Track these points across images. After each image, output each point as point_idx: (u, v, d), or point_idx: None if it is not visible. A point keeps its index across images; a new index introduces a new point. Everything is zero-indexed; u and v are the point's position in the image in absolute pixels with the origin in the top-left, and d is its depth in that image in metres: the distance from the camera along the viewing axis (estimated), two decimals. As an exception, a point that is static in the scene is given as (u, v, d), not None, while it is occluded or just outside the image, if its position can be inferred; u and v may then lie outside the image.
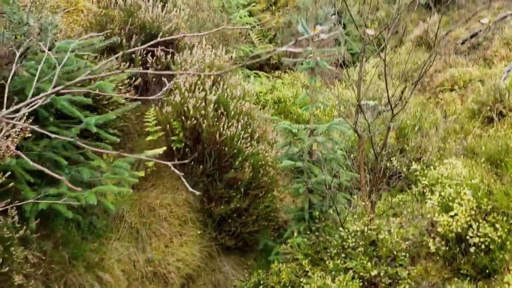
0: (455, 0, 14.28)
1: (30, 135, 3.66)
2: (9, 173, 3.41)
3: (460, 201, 4.53)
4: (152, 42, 2.27)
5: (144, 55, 5.25)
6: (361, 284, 4.47)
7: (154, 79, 5.22)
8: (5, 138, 2.66)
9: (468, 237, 4.32)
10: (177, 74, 5.00)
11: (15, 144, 2.81)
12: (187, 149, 4.99)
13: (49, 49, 3.93)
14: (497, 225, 4.23)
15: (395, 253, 4.64)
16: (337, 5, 12.94)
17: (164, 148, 4.87)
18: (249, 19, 11.23)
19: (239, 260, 5.75)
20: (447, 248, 4.49)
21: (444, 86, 8.91)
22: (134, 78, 5.06)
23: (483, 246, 4.27)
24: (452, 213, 4.50)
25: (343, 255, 4.98)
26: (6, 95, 2.64)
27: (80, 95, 4.36)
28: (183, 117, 4.85)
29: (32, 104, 2.10)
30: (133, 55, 5.10)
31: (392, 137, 6.50)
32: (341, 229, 5.10)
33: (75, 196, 3.87)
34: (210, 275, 5.27)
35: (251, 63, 12.43)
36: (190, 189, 1.90)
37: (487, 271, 4.22)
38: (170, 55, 5.33)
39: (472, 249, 4.27)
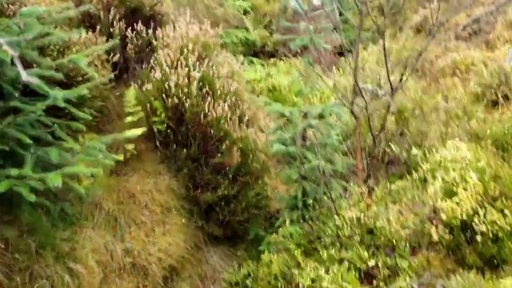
0: (455, -14, 13.88)
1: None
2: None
3: (465, 186, 4.17)
4: None
5: (124, 29, 4.86)
6: (357, 275, 4.11)
7: (134, 55, 4.83)
8: None
9: (474, 225, 3.97)
10: (158, 50, 4.61)
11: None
12: (169, 131, 4.61)
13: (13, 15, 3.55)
14: (506, 211, 3.88)
15: (394, 242, 4.28)
16: (334, -9, 12.54)
17: (144, 129, 4.50)
18: (243, 3, 10.83)
19: (228, 251, 5.38)
20: (451, 236, 4.14)
21: (445, 71, 8.54)
22: (112, 54, 4.67)
23: (490, 234, 3.92)
24: (456, 199, 4.15)
25: (338, 244, 4.62)
26: None
27: (50, 69, 3.98)
28: (165, 96, 4.47)
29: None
30: (112, 29, 4.71)
31: (391, 121, 6.13)
32: (336, 217, 4.74)
33: (40, 179, 3.49)
34: (196, 267, 4.91)
35: (245, 51, 12.07)
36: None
37: (495, 261, 3.87)
38: (152, 30, 4.94)
39: (478, 238, 3.92)
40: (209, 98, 4.59)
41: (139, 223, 4.50)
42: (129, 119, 4.68)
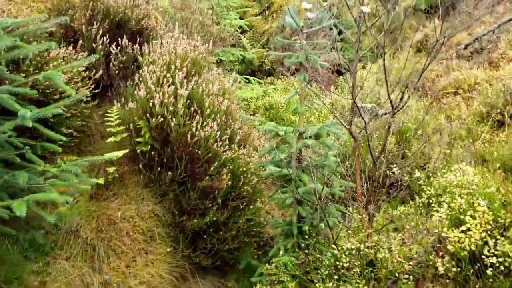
0: (456, 6, 13.72)
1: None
2: None
3: (473, 214, 3.83)
4: None
5: (108, 45, 4.58)
6: (356, 312, 3.75)
7: (118, 72, 4.54)
8: None
9: (483, 257, 3.62)
10: (143, 66, 4.33)
11: None
12: (153, 153, 4.29)
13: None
14: (519, 242, 3.52)
15: (397, 275, 3.91)
16: (333, 9, 12.39)
17: (126, 150, 4.18)
18: (240, 21, 10.62)
19: (217, 282, 5.01)
20: (458, 269, 3.78)
21: (447, 90, 8.25)
22: (94, 71, 4.38)
23: (502, 268, 3.57)
24: (464, 228, 3.80)
25: (336, 276, 4.25)
26: None
27: (24, 86, 3.70)
28: (149, 115, 4.16)
29: None
30: (94, 45, 4.43)
31: (391, 142, 5.81)
32: (333, 246, 4.38)
33: (7, 206, 3.16)
34: (182, 301, 4.53)
35: (242, 70, 11.84)
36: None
37: (508, 297, 3.49)
38: (138, 45, 4.66)
39: (489, 271, 3.56)
40: (197, 117, 4.28)
41: (120, 253, 4.14)
42: (111, 139, 4.37)
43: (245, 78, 10.75)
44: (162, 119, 4.14)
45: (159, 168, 4.29)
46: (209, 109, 4.39)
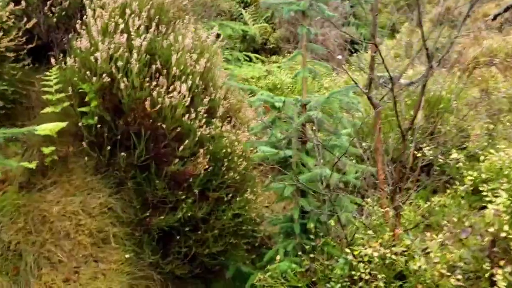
0: (480, -25, 12.44)
1: None
2: None
3: (548, 206, 2.68)
4: None
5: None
6: None
7: (60, 22, 3.44)
8: None
9: None
10: (88, 11, 3.20)
11: None
12: (103, 127, 3.18)
13: None
14: None
15: (438, 292, 2.77)
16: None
17: (63, 124, 3.08)
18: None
19: (199, 294, 3.91)
20: (527, 284, 2.64)
21: (479, 60, 7.04)
22: (26, 19, 3.28)
23: None
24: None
25: (351, 292, 3.13)
26: None
27: None
28: (93, 75, 3.05)
29: None
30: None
31: (420, 117, 4.62)
32: (347, 250, 3.24)
33: None
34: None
35: (244, 48, 10.70)
36: None
37: None
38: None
39: None
40: (160, 79, 3.16)
41: (56, 262, 3.05)
42: (49, 109, 3.28)
43: (246, 55, 9.64)
44: (109, 80, 3.02)
45: (108, 147, 3.17)
46: (178, 69, 3.26)
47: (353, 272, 3.12)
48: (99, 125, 3.15)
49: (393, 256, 2.88)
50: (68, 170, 3.35)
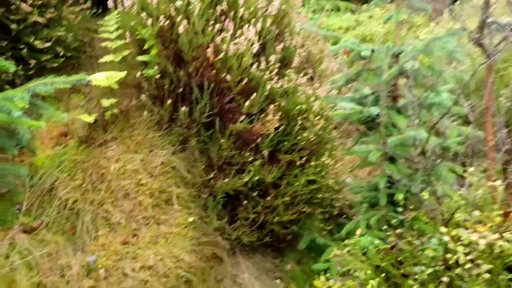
0: None
1: None
2: None
3: None
4: None
5: None
6: None
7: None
8: None
9: None
10: None
11: None
12: (164, 79, 2.86)
13: None
14: None
15: None
16: None
17: (122, 73, 2.80)
18: None
19: (270, 263, 3.58)
20: None
21: None
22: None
23: None
24: None
25: (445, 278, 2.59)
26: None
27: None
28: (149, 17, 2.71)
29: None
30: None
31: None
32: (442, 229, 2.68)
33: None
34: (212, 291, 3.19)
35: (332, -2, 9.84)
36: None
37: None
38: None
39: None
40: (226, 22, 2.73)
41: (114, 224, 2.87)
42: (108, 58, 3.02)
43: (334, 4, 8.81)
44: (169, 23, 2.65)
45: (169, 101, 2.85)
46: (247, 11, 2.80)
47: (448, 255, 2.58)
48: (159, 76, 2.83)
49: (505, 244, 2.29)
50: (130, 125, 3.11)
